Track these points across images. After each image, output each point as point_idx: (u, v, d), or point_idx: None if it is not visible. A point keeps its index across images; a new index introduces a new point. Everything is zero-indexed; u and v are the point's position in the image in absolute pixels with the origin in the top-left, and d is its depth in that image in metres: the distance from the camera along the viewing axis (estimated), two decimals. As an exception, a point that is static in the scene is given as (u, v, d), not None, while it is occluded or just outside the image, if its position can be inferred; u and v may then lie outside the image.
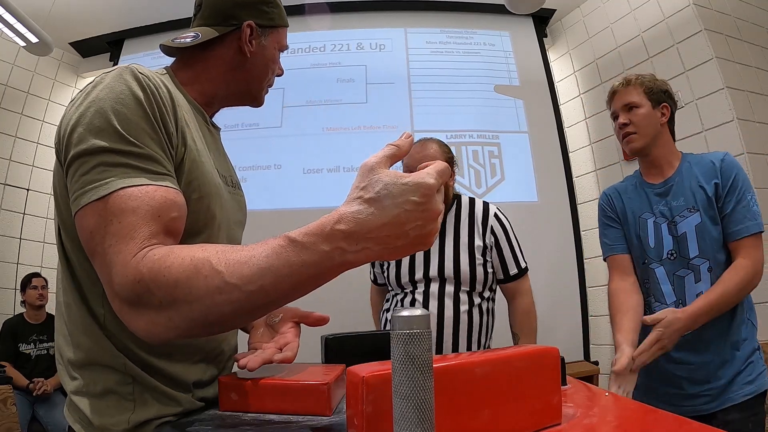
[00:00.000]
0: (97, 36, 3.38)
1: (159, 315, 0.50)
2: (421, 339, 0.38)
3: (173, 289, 0.49)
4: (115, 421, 0.61)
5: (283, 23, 0.86)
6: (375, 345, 0.95)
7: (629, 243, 1.37)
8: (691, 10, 2.46)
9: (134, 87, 0.59)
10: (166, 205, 0.56)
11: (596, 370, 2.59)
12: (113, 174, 0.55)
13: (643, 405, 0.64)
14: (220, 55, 0.79)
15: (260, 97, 0.88)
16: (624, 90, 1.34)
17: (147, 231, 0.53)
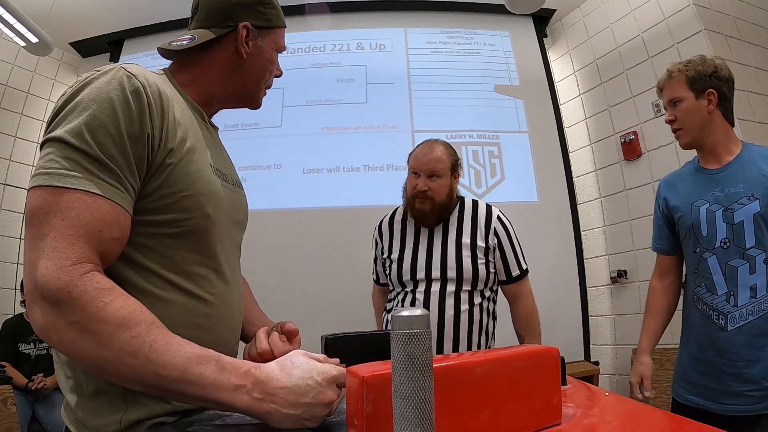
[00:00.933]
0: (97, 36, 3.37)
1: (62, 325, 0.53)
2: (421, 339, 0.38)
3: (97, 324, 0.52)
4: (107, 421, 0.61)
5: (281, 24, 0.85)
6: (375, 345, 0.95)
7: (682, 232, 1.33)
8: (691, 10, 2.46)
9: (117, 93, 0.60)
10: (110, 222, 0.57)
11: (596, 370, 2.59)
12: (75, 174, 0.56)
13: (643, 405, 0.64)
14: (217, 56, 0.79)
15: (257, 98, 0.88)
16: (667, 84, 1.32)
17: (87, 246, 0.55)
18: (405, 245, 1.52)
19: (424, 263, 1.46)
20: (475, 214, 1.51)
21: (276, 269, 2.57)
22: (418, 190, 1.44)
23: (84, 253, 0.54)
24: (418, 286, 1.46)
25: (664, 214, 1.40)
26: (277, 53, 0.86)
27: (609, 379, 2.75)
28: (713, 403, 1.23)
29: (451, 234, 1.49)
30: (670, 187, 1.39)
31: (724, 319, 1.22)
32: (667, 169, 2.52)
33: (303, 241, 2.64)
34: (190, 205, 0.66)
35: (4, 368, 2.57)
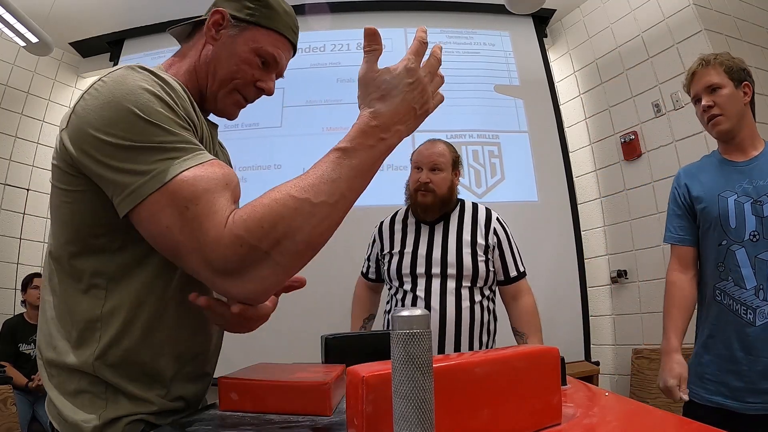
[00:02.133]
0: (97, 36, 3.37)
1: (266, 265, 0.54)
2: (421, 339, 0.38)
3: (273, 231, 0.53)
4: (86, 417, 0.62)
5: (270, 25, 0.75)
6: (375, 345, 0.95)
7: (705, 223, 1.29)
8: (691, 10, 2.46)
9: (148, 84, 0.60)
10: (229, 176, 0.60)
11: (596, 370, 2.59)
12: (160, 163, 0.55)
13: (643, 405, 0.64)
14: (194, 44, 0.76)
15: (224, 101, 0.77)
16: (704, 71, 1.28)
17: (224, 201, 0.56)
18: (406, 241, 1.53)
19: (424, 259, 1.47)
20: (475, 215, 1.54)
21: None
22: (421, 182, 1.49)
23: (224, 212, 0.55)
24: (418, 283, 1.46)
25: (685, 203, 1.34)
26: (257, 57, 0.75)
27: (609, 379, 2.75)
28: (735, 402, 1.19)
29: (452, 231, 1.50)
30: (691, 176, 1.35)
31: (753, 313, 1.18)
32: (667, 169, 2.54)
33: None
34: None
35: (4, 368, 2.57)
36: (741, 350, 1.19)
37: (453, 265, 1.45)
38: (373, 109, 0.60)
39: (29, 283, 2.78)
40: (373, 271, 1.68)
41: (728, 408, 1.20)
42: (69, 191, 0.62)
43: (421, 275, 1.46)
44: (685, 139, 2.47)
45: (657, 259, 2.56)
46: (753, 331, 1.18)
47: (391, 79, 0.60)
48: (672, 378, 1.25)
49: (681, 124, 2.49)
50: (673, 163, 2.52)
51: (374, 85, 0.60)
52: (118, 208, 0.57)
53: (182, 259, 0.56)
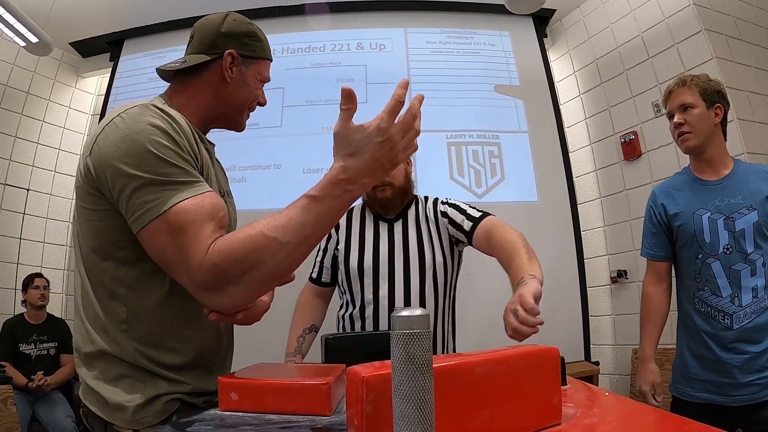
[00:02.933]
0: (97, 36, 3.37)
1: (237, 287, 0.66)
2: (421, 339, 0.38)
3: (243, 262, 0.65)
4: (129, 398, 0.73)
5: (265, 56, 0.94)
6: (375, 345, 0.95)
7: (682, 239, 1.41)
8: (691, 10, 2.46)
9: (159, 121, 0.72)
10: (216, 207, 0.70)
11: (596, 370, 2.59)
12: (163, 193, 0.67)
13: (643, 405, 0.64)
14: (205, 80, 0.88)
15: (240, 121, 0.95)
16: (680, 90, 1.40)
17: (208, 231, 0.67)
18: (365, 238, 1.47)
19: (387, 256, 1.43)
20: (425, 207, 1.52)
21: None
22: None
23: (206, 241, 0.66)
24: (380, 284, 1.41)
25: (661, 221, 1.46)
26: (261, 82, 0.95)
27: (609, 379, 2.75)
28: (721, 397, 1.31)
29: (411, 228, 1.47)
30: (666, 195, 1.46)
31: (730, 318, 1.31)
32: (667, 169, 2.53)
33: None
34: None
35: (4, 368, 2.57)
36: (722, 352, 1.31)
37: (416, 260, 1.41)
38: (343, 164, 0.65)
39: (30, 283, 2.78)
40: (328, 275, 1.55)
41: (715, 402, 1.32)
42: (94, 210, 0.74)
43: (384, 275, 1.41)
44: (685, 139, 2.47)
45: (657, 259, 2.56)
46: (731, 334, 1.31)
47: (362, 138, 0.64)
48: (646, 384, 1.43)
49: (681, 124, 2.49)
50: (673, 163, 2.52)
51: (346, 142, 0.65)
52: (131, 227, 0.70)
53: (174, 274, 0.70)
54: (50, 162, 3.37)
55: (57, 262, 3.33)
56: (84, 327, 0.77)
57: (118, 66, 3.34)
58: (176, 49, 3.26)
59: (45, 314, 2.82)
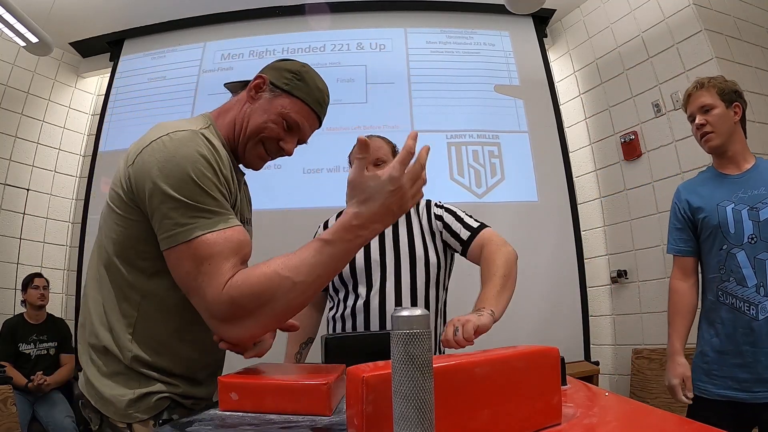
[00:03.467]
0: (97, 36, 3.37)
1: (251, 320, 0.70)
2: (421, 339, 0.38)
3: (258, 299, 0.69)
4: (122, 392, 0.77)
5: (299, 96, 0.88)
6: (375, 345, 0.95)
7: (705, 231, 1.42)
8: (691, 10, 2.46)
9: (205, 150, 0.75)
10: (242, 243, 0.75)
11: (596, 370, 2.59)
12: (196, 220, 0.71)
13: (643, 405, 0.64)
14: (239, 98, 0.91)
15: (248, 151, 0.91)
16: (698, 93, 1.44)
17: (230, 266, 0.71)
18: None
19: (378, 253, 1.42)
20: (417, 207, 1.52)
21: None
22: None
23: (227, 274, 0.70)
24: (373, 283, 1.40)
25: (686, 216, 1.48)
26: (283, 120, 0.88)
27: (609, 379, 2.75)
28: (743, 393, 1.30)
29: (402, 227, 1.47)
30: (690, 191, 1.49)
31: (755, 309, 1.31)
32: (667, 169, 2.54)
33: (303, 241, 2.63)
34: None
35: (4, 368, 2.57)
36: (746, 344, 1.31)
37: (407, 257, 1.41)
38: (357, 210, 0.69)
39: (30, 283, 2.78)
40: None
41: (737, 399, 1.31)
42: (124, 217, 0.77)
43: (376, 273, 1.41)
44: (685, 139, 2.47)
45: (657, 259, 2.56)
46: (757, 325, 1.30)
47: (375, 186, 0.68)
48: (675, 378, 1.39)
49: (681, 124, 2.49)
50: (673, 163, 2.52)
51: (360, 189, 0.69)
52: (160, 244, 0.73)
53: (192, 299, 0.73)
54: (50, 162, 3.37)
55: (57, 262, 3.33)
56: (91, 319, 0.81)
57: (118, 66, 3.34)
58: (176, 49, 3.26)
59: (45, 314, 2.82)
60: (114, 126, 3.18)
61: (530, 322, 2.54)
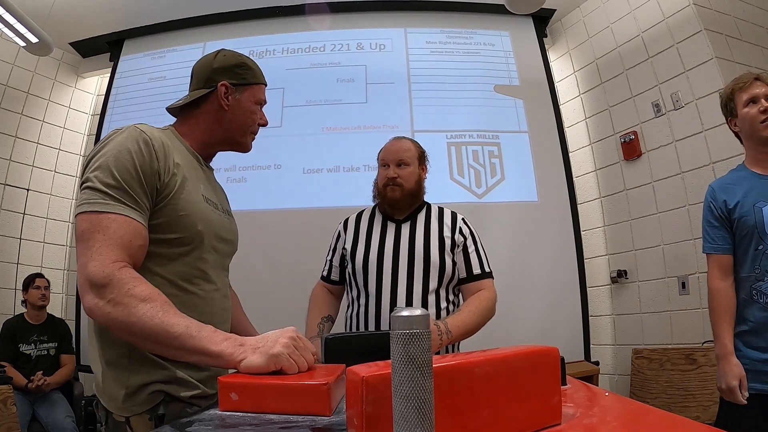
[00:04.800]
0: (97, 36, 3.37)
1: (103, 303, 0.74)
2: (421, 339, 0.38)
3: (128, 299, 0.74)
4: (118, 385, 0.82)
5: (257, 81, 1.05)
6: (375, 345, 0.95)
7: (741, 231, 1.43)
8: (691, 10, 2.46)
9: (133, 146, 0.83)
10: (135, 234, 0.80)
11: (596, 370, 2.59)
12: (107, 201, 0.79)
13: (643, 405, 0.64)
14: (205, 110, 1.01)
15: (244, 143, 1.07)
16: (756, 83, 1.44)
17: (119, 251, 0.78)
18: (371, 237, 1.51)
19: (391, 254, 1.45)
20: (441, 215, 1.54)
21: (276, 269, 2.58)
22: (389, 178, 1.49)
23: (120, 255, 0.77)
24: (383, 284, 1.43)
25: (722, 215, 1.48)
26: (257, 105, 1.05)
27: (609, 379, 2.75)
28: None
29: (419, 228, 1.49)
30: (726, 190, 1.49)
31: None
32: (667, 169, 2.54)
33: (303, 241, 2.64)
34: (187, 223, 0.88)
35: (4, 368, 2.57)
36: None
37: (420, 258, 1.43)
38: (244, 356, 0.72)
39: (31, 283, 2.78)
40: (337, 273, 1.60)
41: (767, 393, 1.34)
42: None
43: (387, 272, 1.43)
44: (685, 139, 2.47)
45: (657, 259, 2.56)
46: None
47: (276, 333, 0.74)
48: (734, 379, 1.37)
49: (681, 124, 2.49)
50: (673, 163, 2.52)
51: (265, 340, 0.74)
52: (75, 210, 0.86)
53: (78, 258, 0.78)
54: (50, 162, 3.37)
55: (57, 262, 3.33)
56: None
57: (118, 66, 3.35)
58: (176, 49, 3.26)
59: (45, 314, 2.82)
60: (114, 126, 3.13)
61: (530, 322, 2.54)
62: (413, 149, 1.56)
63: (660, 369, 2.36)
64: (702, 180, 2.36)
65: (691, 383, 2.22)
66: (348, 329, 1.49)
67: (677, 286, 2.45)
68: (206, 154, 1.04)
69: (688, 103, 2.46)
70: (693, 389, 2.21)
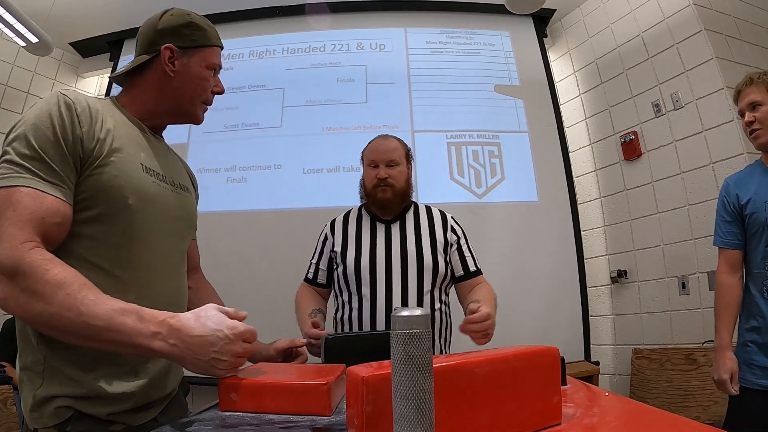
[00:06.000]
0: (97, 36, 3.37)
1: (17, 293, 0.66)
2: (421, 339, 0.38)
3: (42, 286, 0.65)
4: (27, 395, 0.75)
5: (208, 43, 0.93)
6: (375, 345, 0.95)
7: (753, 227, 1.44)
8: (691, 10, 2.46)
9: (53, 111, 0.76)
10: (51, 211, 0.71)
11: (596, 370, 2.58)
12: (21, 173, 0.70)
13: (643, 405, 0.64)
14: (148, 78, 0.90)
15: (195, 113, 0.95)
16: (748, 89, 1.46)
17: (30, 229, 0.68)
18: (361, 239, 1.48)
19: (383, 256, 1.43)
20: (430, 215, 1.53)
21: (276, 268, 2.57)
22: (380, 178, 1.46)
23: (29, 235, 0.68)
24: (377, 285, 1.40)
25: (735, 210, 1.49)
26: (209, 70, 0.93)
27: (609, 379, 2.75)
28: None
29: (409, 229, 1.48)
30: (740, 185, 1.51)
31: None
32: (667, 169, 2.54)
33: (303, 240, 2.64)
34: (113, 195, 0.77)
35: (4, 368, 2.57)
36: None
37: (414, 260, 1.42)
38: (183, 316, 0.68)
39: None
40: (324, 276, 1.54)
41: None
42: None
43: (381, 275, 1.41)
44: (685, 139, 2.47)
45: (657, 259, 2.56)
46: None
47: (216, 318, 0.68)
48: (725, 372, 1.41)
49: (681, 124, 2.49)
50: (673, 163, 2.52)
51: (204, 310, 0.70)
52: None
53: None
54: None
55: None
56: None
57: (118, 66, 3.34)
58: (176, 49, 3.26)
59: (45, 314, 2.82)
60: (114, 126, 3.18)
61: (530, 322, 2.54)
62: (401, 148, 1.54)
63: (660, 369, 2.36)
64: (702, 180, 2.36)
65: (691, 383, 2.22)
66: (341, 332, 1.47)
67: (677, 286, 2.45)
68: (153, 124, 0.93)
69: (688, 103, 2.46)
70: (693, 389, 2.21)
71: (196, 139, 2.88)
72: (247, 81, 3.00)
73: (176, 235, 0.91)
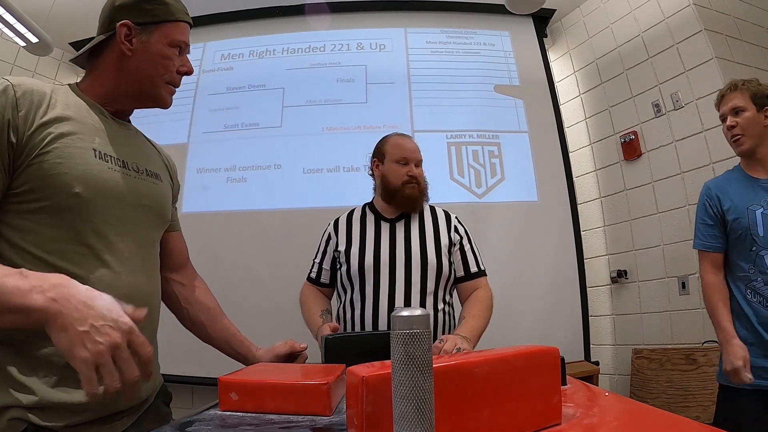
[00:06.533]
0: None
1: None
2: (421, 339, 0.38)
3: None
4: None
5: (171, 18, 0.86)
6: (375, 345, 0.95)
7: (736, 232, 1.47)
8: (691, 10, 2.46)
9: None
10: None
11: (596, 370, 2.58)
12: None
13: (643, 405, 0.64)
14: (107, 59, 0.85)
15: (159, 95, 0.88)
16: (731, 95, 1.48)
17: None
18: (366, 238, 1.49)
19: (387, 255, 1.44)
20: (434, 215, 1.55)
21: (276, 268, 2.57)
22: (412, 176, 1.51)
23: None
24: (381, 286, 1.41)
25: (717, 213, 1.52)
26: (173, 48, 0.86)
27: (609, 379, 2.75)
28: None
29: (414, 229, 1.49)
30: (721, 189, 1.53)
31: None
32: (667, 169, 2.54)
33: (303, 241, 2.64)
34: (56, 184, 0.71)
35: (4, 368, 2.57)
36: None
37: (417, 260, 1.43)
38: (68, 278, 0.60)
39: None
40: (327, 276, 1.56)
41: (764, 388, 1.37)
42: None
43: (385, 274, 1.42)
44: (685, 139, 2.47)
45: (657, 259, 2.56)
46: None
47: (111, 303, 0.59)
48: (738, 360, 1.39)
49: (681, 124, 2.49)
50: (673, 163, 2.52)
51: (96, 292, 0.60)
52: None
53: None
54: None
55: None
56: None
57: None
58: (176, 49, 3.26)
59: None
60: (114, 126, 3.18)
61: (530, 322, 2.54)
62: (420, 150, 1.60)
63: (660, 369, 2.36)
64: (702, 180, 2.34)
65: (691, 383, 2.22)
66: (342, 331, 1.47)
67: (677, 286, 2.45)
68: (116, 108, 0.87)
69: (688, 103, 2.46)
70: (693, 389, 2.21)
71: (195, 139, 2.88)
72: (247, 81, 3.00)
73: (141, 225, 0.85)
